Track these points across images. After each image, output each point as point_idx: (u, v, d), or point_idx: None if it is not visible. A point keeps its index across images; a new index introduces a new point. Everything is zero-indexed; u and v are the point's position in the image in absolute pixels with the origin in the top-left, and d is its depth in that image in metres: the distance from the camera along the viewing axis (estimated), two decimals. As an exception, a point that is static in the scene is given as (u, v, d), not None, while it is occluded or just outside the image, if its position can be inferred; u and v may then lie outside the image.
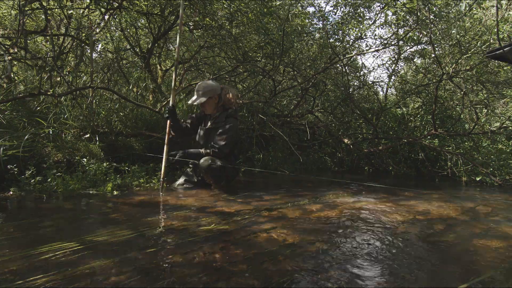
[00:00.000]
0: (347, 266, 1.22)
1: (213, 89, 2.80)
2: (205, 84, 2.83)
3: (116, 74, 4.45)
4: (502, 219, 2.01)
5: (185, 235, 1.52)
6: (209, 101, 2.82)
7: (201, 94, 2.79)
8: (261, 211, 2.03)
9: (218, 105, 2.87)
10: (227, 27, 3.84)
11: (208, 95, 2.78)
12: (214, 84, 2.84)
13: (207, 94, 2.78)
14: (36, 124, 2.78)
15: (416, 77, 5.47)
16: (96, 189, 2.48)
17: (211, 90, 2.79)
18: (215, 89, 2.82)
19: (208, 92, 2.78)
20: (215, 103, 2.85)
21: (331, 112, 5.58)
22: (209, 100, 2.81)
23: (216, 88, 2.83)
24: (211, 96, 2.80)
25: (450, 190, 3.26)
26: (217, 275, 1.11)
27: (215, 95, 2.82)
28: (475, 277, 1.16)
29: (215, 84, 2.86)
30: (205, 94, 2.78)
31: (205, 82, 2.85)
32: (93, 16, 4.14)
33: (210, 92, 2.79)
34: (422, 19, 3.55)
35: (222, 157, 2.79)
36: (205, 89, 2.79)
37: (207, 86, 2.80)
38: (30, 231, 1.52)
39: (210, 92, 2.79)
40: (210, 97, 2.80)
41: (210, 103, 2.84)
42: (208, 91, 2.79)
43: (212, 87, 2.81)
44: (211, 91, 2.79)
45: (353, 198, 2.57)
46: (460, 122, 4.98)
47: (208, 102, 2.82)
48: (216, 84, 2.88)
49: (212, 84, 2.83)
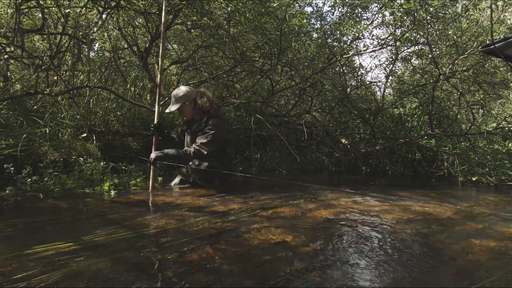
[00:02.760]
0: (343, 266, 1.23)
1: (185, 95, 2.78)
2: (178, 90, 2.81)
3: (113, 73, 4.43)
4: (497, 219, 2.03)
5: (181, 235, 1.52)
6: (185, 107, 2.80)
7: (174, 101, 2.80)
8: (257, 210, 2.03)
9: (195, 109, 2.84)
10: (225, 27, 3.84)
11: (181, 101, 2.77)
12: (187, 90, 2.82)
13: (180, 101, 2.78)
14: (32, 123, 2.77)
15: (413, 78, 5.49)
16: (93, 188, 2.48)
17: (183, 96, 2.78)
18: (188, 95, 2.79)
19: (180, 99, 2.78)
20: (192, 108, 2.83)
21: (328, 112, 5.60)
22: (184, 106, 2.80)
23: (189, 93, 2.80)
24: (185, 102, 2.78)
25: (446, 190, 3.28)
26: (213, 275, 1.11)
27: (190, 100, 2.80)
28: (471, 278, 1.17)
29: (189, 90, 2.83)
30: (178, 100, 2.78)
31: (178, 89, 2.84)
32: (90, 15, 4.13)
33: (182, 98, 2.78)
34: (419, 19, 3.56)
35: (206, 157, 2.72)
36: (177, 96, 2.79)
37: (179, 93, 2.79)
38: (26, 231, 1.52)
39: (183, 98, 2.78)
40: (184, 103, 2.78)
41: (187, 109, 2.82)
42: (180, 97, 2.78)
43: (184, 93, 2.79)
44: (183, 97, 2.78)
45: (349, 198, 2.58)
46: (457, 123, 5.01)
47: (184, 108, 2.81)
48: (191, 89, 2.85)
49: (185, 90, 2.81)
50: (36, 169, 2.43)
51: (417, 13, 3.41)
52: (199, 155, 2.72)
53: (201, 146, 2.71)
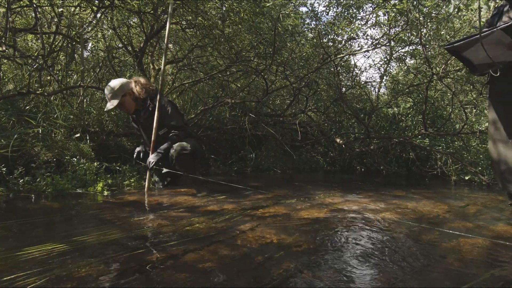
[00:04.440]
0: (337, 266, 1.23)
1: (121, 87, 2.58)
2: (112, 85, 2.59)
3: (108, 73, 4.41)
4: (489, 218, 2.05)
5: (174, 236, 1.52)
6: (125, 100, 2.62)
7: (110, 97, 2.58)
8: (251, 210, 2.04)
9: (137, 99, 2.67)
10: (219, 27, 3.83)
11: (120, 94, 2.58)
12: (122, 82, 2.62)
13: (119, 94, 2.57)
14: (25, 124, 2.75)
15: (407, 78, 5.53)
16: (86, 189, 2.47)
17: (119, 89, 2.58)
18: (124, 86, 2.60)
19: (118, 92, 2.57)
20: (132, 100, 2.66)
21: (323, 112, 5.62)
22: (124, 99, 2.61)
23: (124, 85, 2.61)
24: (124, 94, 2.60)
25: (440, 189, 3.31)
26: (206, 276, 1.11)
27: (128, 91, 2.62)
28: (461, 278, 1.18)
29: (124, 81, 2.64)
30: (116, 95, 2.57)
31: (110, 85, 2.60)
32: (84, 14, 4.10)
33: (120, 91, 2.58)
34: (412, 20, 3.59)
35: (188, 135, 2.65)
36: (112, 91, 2.57)
37: (114, 87, 2.58)
38: (17, 232, 1.51)
39: (121, 91, 2.58)
40: (123, 96, 2.59)
41: (127, 102, 2.64)
42: (117, 90, 2.57)
43: (119, 85, 2.59)
44: (120, 89, 2.58)
45: (343, 197, 2.60)
46: (450, 122, 5.05)
47: (124, 101, 2.62)
48: (124, 80, 2.66)
49: (119, 83, 2.60)
50: (29, 169, 2.42)
51: (410, 13, 3.43)
52: (183, 132, 2.64)
53: (176, 126, 2.61)
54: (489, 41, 1.77)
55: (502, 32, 1.72)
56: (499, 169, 2.05)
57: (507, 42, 1.76)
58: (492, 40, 1.77)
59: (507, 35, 1.72)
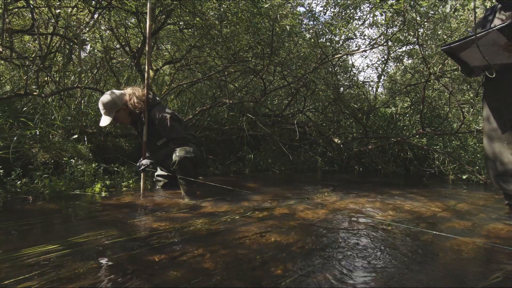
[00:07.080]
0: (335, 266, 1.24)
1: (113, 103, 2.48)
2: (105, 101, 2.47)
3: (105, 74, 4.40)
4: (486, 217, 2.06)
5: (173, 237, 1.52)
6: (120, 115, 2.54)
7: (104, 113, 2.49)
8: (250, 211, 2.04)
9: (131, 113, 2.57)
10: (217, 27, 3.83)
11: (113, 110, 2.49)
12: (113, 96, 2.50)
13: (112, 111, 2.48)
14: (22, 125, 2.74)
15: (405, 77, 5.54)
16: (84, 190, 2.46)
17: (113, 104, 2.48)
18: (117, 102, 2.49)
19: (113, 107, 2.48)
20: (127, 113, 2.57)
21: (321, 112, 5.63)
22: (118, 114, 2.52)
23: (117, 100, 2.49)
24: (117, 110, 2.50)
25: (437, 188, 3.32)
26: (205, 277, 1.11)
27: (122, 105, 2.51)
28: (458, 277, 1.19)
29: (118, 94, 2.53)
30: (110, 110, 2.48)
31: (103, 100, 2.48)
32: (81, 15, 4.09)
33: (113, 107, 2.48)
34: (409, 20, 3.60)
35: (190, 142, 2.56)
36: (106, 106, 2.47)
37: (107, 103, 2.46)
38: (15, 233, 1.51)
39: (114, 107, 2.48)
40: (117, 111, 2.50)
41: (122, 116, 2.56)
42: (110, 107, 2.48)
43: (112, 101, 2.48)
44: (113, 106, 2.48)
45: (341, 197, 2.60)
46: (447, 121, 5.07)
47: (119, 116, 2.54)
48: (117, 94, 2.53)
49: (110, 99, 2.48)
50: (26, 171, 2.41)
51: (407, 13, 3.44)
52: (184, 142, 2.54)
53: (177, 137, 2.53)
54: (485, 42, 1.77)
55: (498, 32, 1.72)
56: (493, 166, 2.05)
57: (502, 43, 1.76)
58: (488, 41, 1.78)
59: (503, 36, 1.73)
